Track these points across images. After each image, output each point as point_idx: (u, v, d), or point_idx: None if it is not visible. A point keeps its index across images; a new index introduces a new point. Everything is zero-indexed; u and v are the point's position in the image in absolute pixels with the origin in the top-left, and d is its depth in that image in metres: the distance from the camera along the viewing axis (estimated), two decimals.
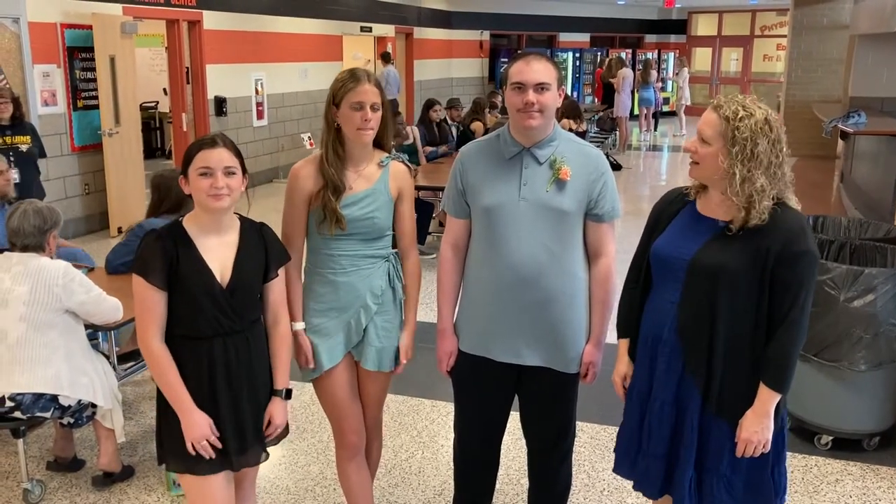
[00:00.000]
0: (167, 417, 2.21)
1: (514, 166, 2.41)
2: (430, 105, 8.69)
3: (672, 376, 2.19)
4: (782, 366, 2.08)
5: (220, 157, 2.15)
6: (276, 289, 2.34)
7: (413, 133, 8.09)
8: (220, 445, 2.19)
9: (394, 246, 2.61)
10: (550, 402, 2.54)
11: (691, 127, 16.35)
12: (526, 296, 2.39)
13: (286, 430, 2.42)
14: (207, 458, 2.17)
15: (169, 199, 3.75)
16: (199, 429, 2.16)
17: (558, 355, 2.45)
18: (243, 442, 2.26)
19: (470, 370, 2.54)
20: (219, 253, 2.21)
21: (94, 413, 3.23)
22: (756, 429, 2.10)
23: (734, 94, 2.15)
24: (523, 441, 2.68)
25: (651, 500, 2.45)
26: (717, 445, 2.16)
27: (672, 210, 2.28)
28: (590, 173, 2.40)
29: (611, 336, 2.48)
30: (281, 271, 2.35)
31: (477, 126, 8.55)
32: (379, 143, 2.53)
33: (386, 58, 13.54)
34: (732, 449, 2.15)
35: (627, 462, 2.34)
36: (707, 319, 2.11)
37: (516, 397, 2.61)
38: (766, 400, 2.10)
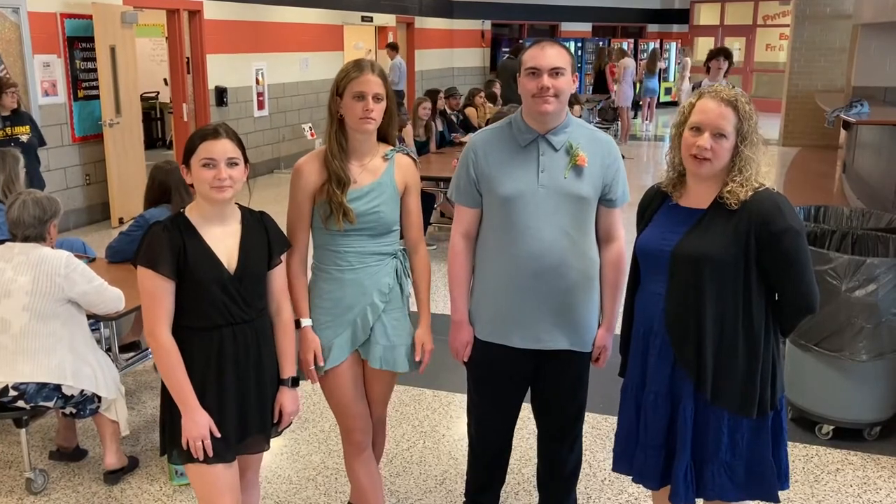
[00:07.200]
0: (172, 410, 2.20)
1: (530, 154, 2.40)
2: (417, 103, 8.07)
3: (664, 367, 2.21)
4: (809, 313, 2.20)
5: (223, 148, 2.15)
6: (279, 277, 2.34)
7: (408, 133, 7.89)
8: (210, 451, 2.17)
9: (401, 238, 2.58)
10: (567, 384, 2.57)
11: None
12: (548, 283, 2.40)
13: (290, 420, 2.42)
14: (201, 457, 2.17)
15: (153, 189, 3.84)
16: (198, 428, 2.15)
17: (577, 337, 2.48)
18: (244, 431, 2.26)
19: (488, 359, 2.55)
20: (224, 242, 2.21)
21: (98, 407, 3.23)
22: None
23: (720, 86, 2.19)
24: (524, 431, 2.69)
25: (651, 492, 2.46)
26: (714, 433, 2.17)
27: (654, 206, 2.31)
28: (604, 158, 2.43)
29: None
30: (282, 259, 2.35)
31: (470, 112, 8.67)
32: (384, 137, 2.48)
33: (394, 48, 13.39)
34: (731, 434, 2.16)
35: (626, 458, 2.35)
36: (693, 308, 2.13)
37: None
38: None
